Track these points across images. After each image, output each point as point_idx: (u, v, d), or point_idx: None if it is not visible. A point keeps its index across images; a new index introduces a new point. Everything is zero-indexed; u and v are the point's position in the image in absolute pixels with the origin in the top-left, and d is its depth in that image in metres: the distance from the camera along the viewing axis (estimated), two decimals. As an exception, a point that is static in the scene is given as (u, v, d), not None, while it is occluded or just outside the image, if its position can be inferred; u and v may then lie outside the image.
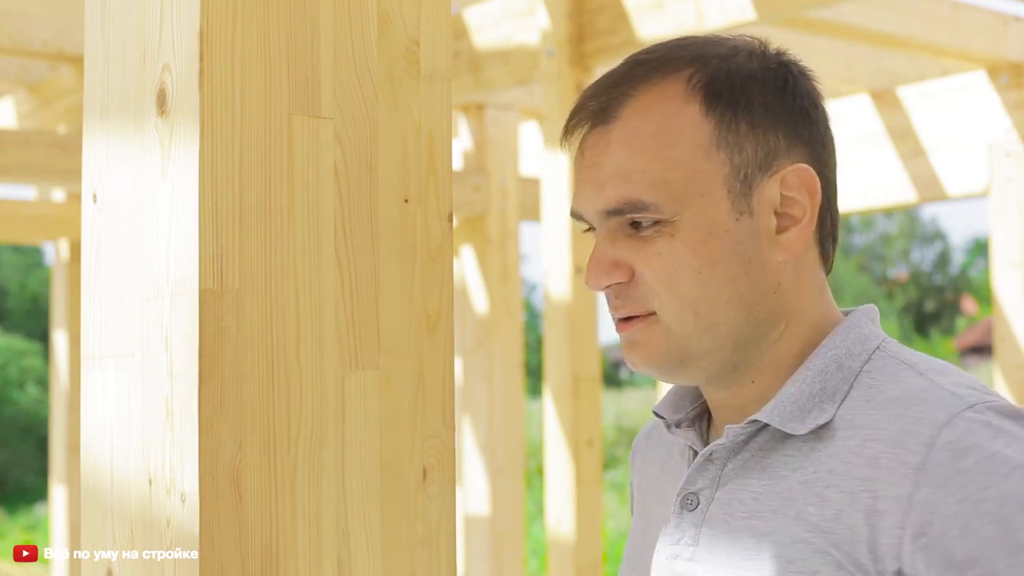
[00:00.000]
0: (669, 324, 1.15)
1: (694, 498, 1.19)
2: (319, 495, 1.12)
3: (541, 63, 4.18)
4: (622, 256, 1.16)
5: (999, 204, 4.41)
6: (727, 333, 1.15)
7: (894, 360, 1.16)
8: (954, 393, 1.09)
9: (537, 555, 9.37)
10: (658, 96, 1.16)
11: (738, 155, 1.15)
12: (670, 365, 1.17)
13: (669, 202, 1.13)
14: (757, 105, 1.16)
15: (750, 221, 1.15)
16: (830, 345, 1.16)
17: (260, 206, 1.11)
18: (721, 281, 1.14)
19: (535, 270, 32.24)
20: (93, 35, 1.25)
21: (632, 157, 1.15)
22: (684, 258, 1.13)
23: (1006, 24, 4.51)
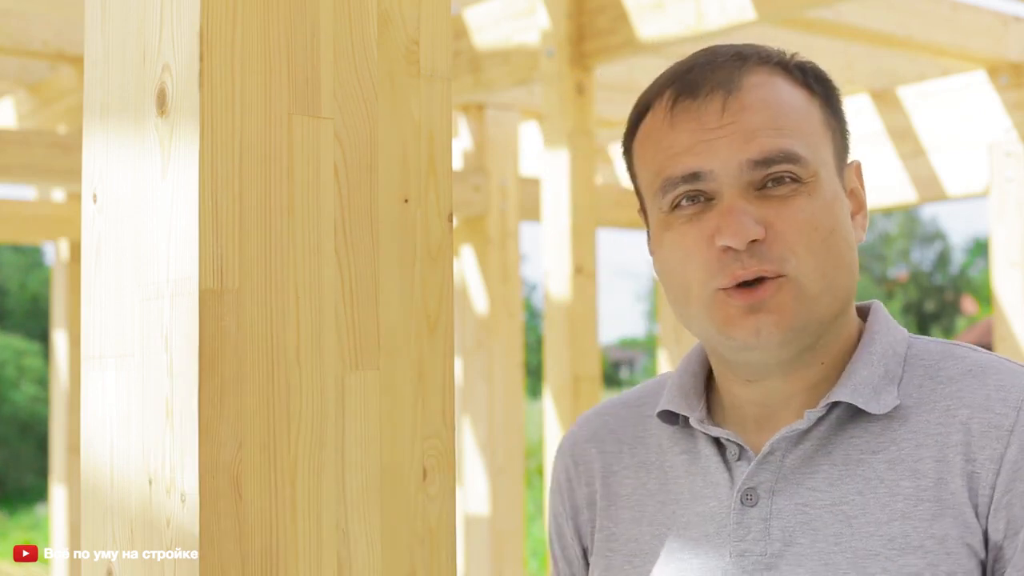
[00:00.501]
0: (802, 284, 1.16)
1: (753, 493, 1.18)
2: (319, 495, 1.12)
3: (541, 63, 4.17)
4: (759, 213, 1.17)
5: (999, 204, 4.41)
6: (839, 298, 1.19)
7: (935, 343, 1.22)
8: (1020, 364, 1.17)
9: (537, 555, 9.37)
10: (769, 76, 1.21)
11: (837, 138, 1.23)
12: (795, 331, 1.17)
13: (815, 162, 1.18)
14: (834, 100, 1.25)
15: (845, 200, 1.22)
16: (880, 331, 1.22)
17: (260, 206, 1.11)
18: (843, 245, 1.19)
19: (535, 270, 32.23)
20: (93, 35, 1.25)
21: (777, 116, 1.18)
22: (822, 217, 1.17)
23: (1006, 24, 4.51)
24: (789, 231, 1.16)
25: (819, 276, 1.16)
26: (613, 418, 1.35)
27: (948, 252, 32.02)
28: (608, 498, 1.32)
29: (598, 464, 1.34)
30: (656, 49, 4.04)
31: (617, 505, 1.31)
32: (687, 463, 1.26)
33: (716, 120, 1.18)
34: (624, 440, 1.33)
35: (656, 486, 1.28)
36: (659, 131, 1.22)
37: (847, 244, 1.19)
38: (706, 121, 1.18)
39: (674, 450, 1.28)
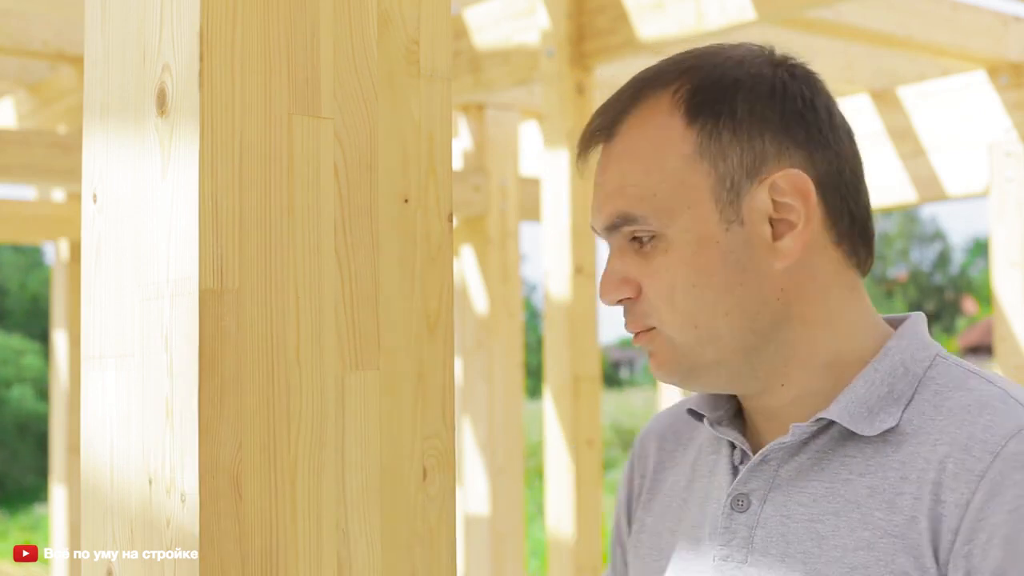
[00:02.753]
0: (672, 337, 1.16)
1: (745, 499, 1.18)
2: (319, 495, 1.12)
3: (541, 63, 4.17)
4: (630, 272, 1.17)
5: (999, 204, 4.41)
6: (730, 343, 1.15)
7: (959, 368, 1.15)
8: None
9: (537, 555, 9.37)
10: (649, 111, 1.17)
11: (722, 163, 1.14)
12: (682, 375, 1.18)
13: (657, 214, 1.14)
14: (742, 112, 1.15)
15: (741, 230, 1.14)
16: (896, 348, 1.16)
17: (260, 206, 1.11)
18: (717, 293, 1.13)
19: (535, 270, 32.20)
20: (93, 35, 1.25)
21: (625, 172, 1.17)
22: (680, 273, 1.14)
23: (1006, 24, 4.51)
24: (650, 291, 1.16)
25: (690, 328, 1.14)
26: (680, 416, 1.36)
27: (948, 252, 32.03)
28: (651, 492, 1.34)
29: (653, 460, 1.36)
30: (656, 49, 4.04)
31: (654, 500, 1.33)
32: (712, 464, 1.27)
33: (596, 173, 1.22)
34: (680, 439, 1.34)
35: (684, 484, 1.30)
36: None
37: (726, 288, 1.13)
38: (597, 172, 1.22)
39: (707, 451, 1.29)
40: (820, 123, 1.18)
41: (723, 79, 1.17)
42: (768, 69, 1.18)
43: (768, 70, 1.18)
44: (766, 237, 1.14)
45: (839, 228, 1.18)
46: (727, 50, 1.21)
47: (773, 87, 1.17)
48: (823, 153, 1.17)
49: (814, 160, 1.16)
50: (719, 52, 1.21)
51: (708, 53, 1.21)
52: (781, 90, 1.17)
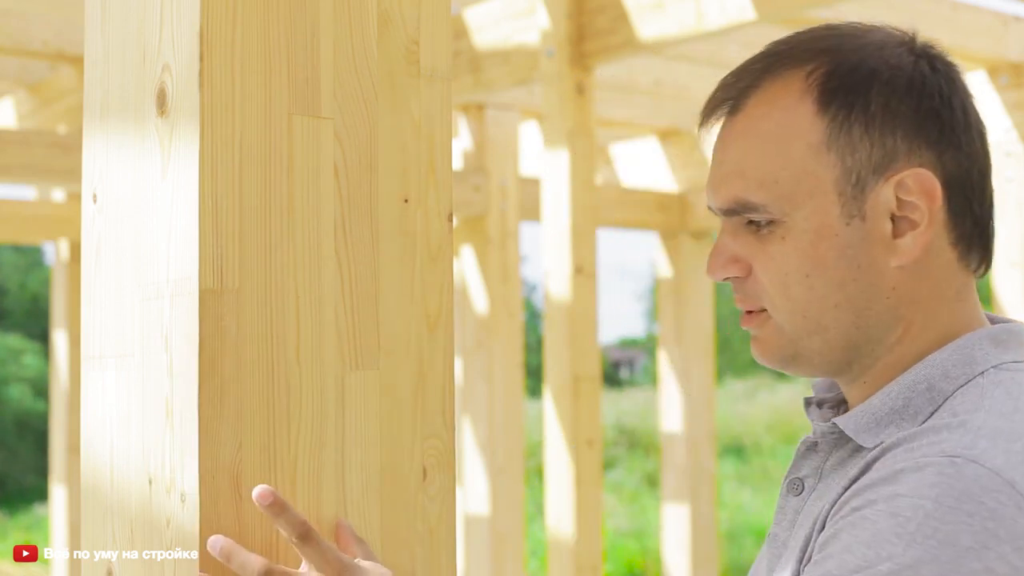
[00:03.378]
0: (780, 323, 1.14)
1: (799, 484, 1.18)
2: (319, 495, 1.12)
3: (541, 63, 4.18)
4: (742, 252, 1.15)
5: (999, 204, 4.41)
6: (836, 336, 1.13)
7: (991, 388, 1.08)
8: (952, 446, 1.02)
9: (537, 555, 9.37)
10: (779, 90, 1.14)
11: (850, 157, 1.11)
12: (783, 361, 1.17)
13: (778, 202, 1.12)
14: (875, 105, 1.12)
15: (862, 225, 1.12)
16: (929, 362, 1.12)
17: (260, 206, 1.11)
18: (830, 285, 1.12)
19: (535, 270, 32.23)
20: (93, 35, 1.25)
21: (747, 154, 1.14)
22: (794, 261, 1.12)
23: (1006, 24, 4.51)
24: (762, 274, 1.14)
25: (799, 317, 1.13)
26: None
27: (948, 252, 31.98)
28: None
29: None
30: (656, 49, 4.05)
31: None
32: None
33: (716, 148, 1.18)
34: None
35: None
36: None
37: (840, 282, 1.11)
38: (716, 145, 1.18)
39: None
40: (954, 122, 1.14)
41: (860, 67, 1.13)
42: (908, 59, 1.15)
43: (908, 60, 1.15)
44: (886, 234, 1.12)
45: (960, 230, 1.15)
46: (867, 33, 1.17)
47: (911, 81, 1.13)
48: (953, 153, 1.14)
49: (943, 160, 1.13)
50: (858, 34, 1.17)
51: (847, 34, 1.16)
52: (919, 85, 1.13)
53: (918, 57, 1.16)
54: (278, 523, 1.06)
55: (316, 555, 1.05)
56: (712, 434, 6.29)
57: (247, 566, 1.05)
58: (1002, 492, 0.96)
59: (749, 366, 18.80)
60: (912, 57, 1.15)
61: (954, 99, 1.15)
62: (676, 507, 6.18)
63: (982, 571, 0.93)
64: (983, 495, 0.96)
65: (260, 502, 1.05)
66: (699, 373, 6.18)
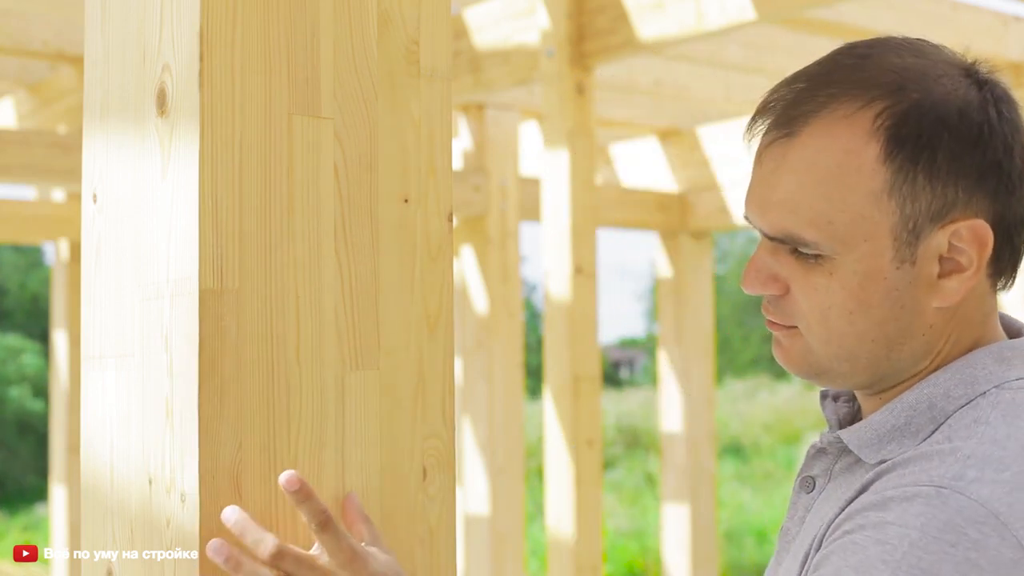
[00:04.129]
0: (811, 345, 1.14)
1: (811, 482, 1.19)
2: (319, 495, 1.12)
3: (541, 63, 4.17)
4: (782, 272, 1.14)
5: (999, 204, 4.41)
6: (866, 365, 1.14)
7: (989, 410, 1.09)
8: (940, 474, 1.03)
9: (537, 555, 9.37)
10: (843, 127, 1.11)
11: (910, 206, 1.10)
12: (806, 375, 1.17)
13: (831, 242, 1.10)
14: (942, 157, 1.10)
15: (911, 270, 1.11)
16: (932, 381, 1.12)
17: (260, 206, 1.11)
18: (871, 324, 1.12)
19: (535, 270, 32.23)
20: (93, 35, 1.25)
21: (803, 188, 1.11)
22: (839, 298, 1.11)
23: (1006, 24, 4.51)
24: (802, 300, 1.13)
25: (833, 346, 1.13)
26: None
27: (948, 252, 31.99)
28: None
29: None
30: (656, 49, 4.05)
31: None
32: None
33: (765, 163, 1.15)
34: None
35: None
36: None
37: (882, 320, 1.11)
38: (761, 156, 1.15)
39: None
40: (1012, 171, 1.13)
41: (930, 113, 1.10)
42: (975, 100, 1.12)
43: (975, 102, 1.12)
44: (932, 275, 1.11)
45: (999, 264, 1.15)
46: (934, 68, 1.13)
47: (980, 132, 1.11)
48: (1007, 200, 1.13)
49: (998, 208, 1.13)
50: (927, 72, 1.12)
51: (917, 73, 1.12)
52: (987, 136, 1.11)
53: (984, 95, 1.13)
54: (301, 509, 1.08)
55: (332, 542, 1.07)
56: (712, 434, 6.29)
57: (260, 544, 1.06)
58: (986, 523, 0.97)
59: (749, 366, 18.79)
60: (979, 94, 1.13)
61: (1015, 148, 1.13)
62: (676, 507, 6.18)
63: None
64: (967, 526, 0.97)
65: (287, 487, 1.07)
66: (699, 373, 6.18)
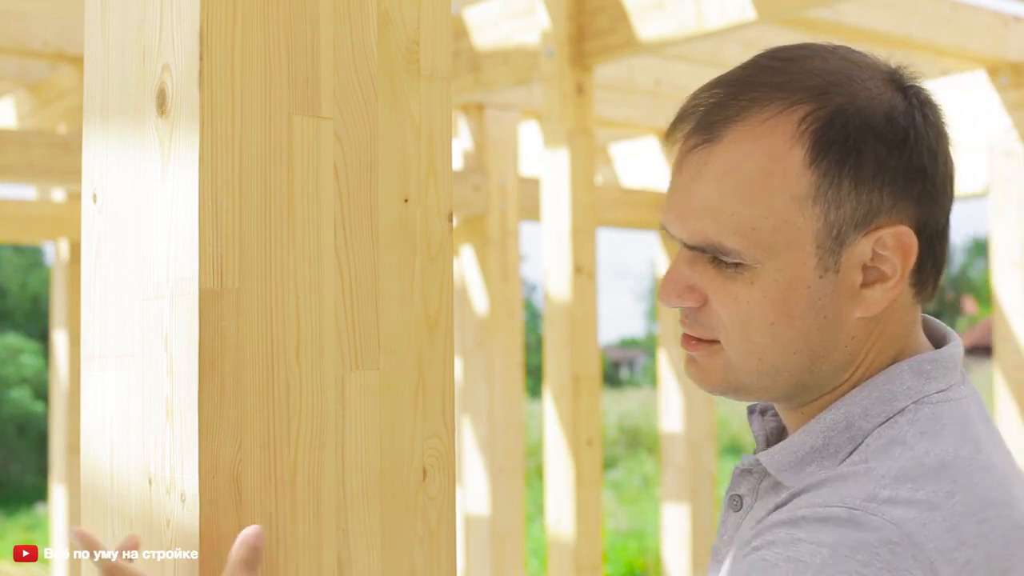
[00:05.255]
0: (732, 359, 1.12)
1: (739, 500, 1.18)
2: (319, 495, 1.12)
3: (541, 63, 4.17)
4: (700, 283, 1.11)
5: (999, 204, 4.41)
6: (787, 379, 1.12)
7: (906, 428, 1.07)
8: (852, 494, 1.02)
9: (537, 555, 9.37)
10: (767, 131, 1.08)
11: (835, 212, 1.08)
12: (725, 392, 1.15)
13: (753, 250, 1.08)
14: (868, 162, 1.08)
15: (834, 278, 1.09)
16: (849, 400, 1.10)
17: (260, 206, 1.11)
18: (792, 335, 1.09)
19: (535, 270, 32.21)
20: (93, 35, 1.25)
21: (724, 195, 1.08)
22: (760, 308, 1.09)
23: (1006, 24, 4.51)
24: (722, 312, 1.10)
25: (754, 359, 1.10)
26: None
27: (948, 252, 32.00)
28: None
29: None
30: (656, 49, 4.05)
31: None
32: None
33: (685, 171, 1.12)
34: None
35: None
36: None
37: (804, 331, 1.09)
38: (681, 163, 1.12)
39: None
40: (936, 177, 1.12)
41: (856, 117, 1.08)
42: (901, 105, 1.10)
43: (900, 107, 1.10)
44: (855, 284, 1.10)
45: (922, 273, 1.14)
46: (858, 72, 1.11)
47: (906, 137, 1.09)
48: (931, 207, 1.12)
49: (922, 214, 1.11)
50: (852, 76, 1.10)
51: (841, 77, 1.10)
52: (913, 141, 1.10)
53: (909, 100, 1.12)
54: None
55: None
56: (712, 434, 6.29)
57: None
58: (899, 545, 0.97)
59: (749, 366, 18.71)
60: (904, 99, 1.11)
61: (939, 154, 1.12)
62: (676, 507, 6.18)
63: None
64: (879, 547, 0.96)
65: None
66: (699, 373, 6.17)
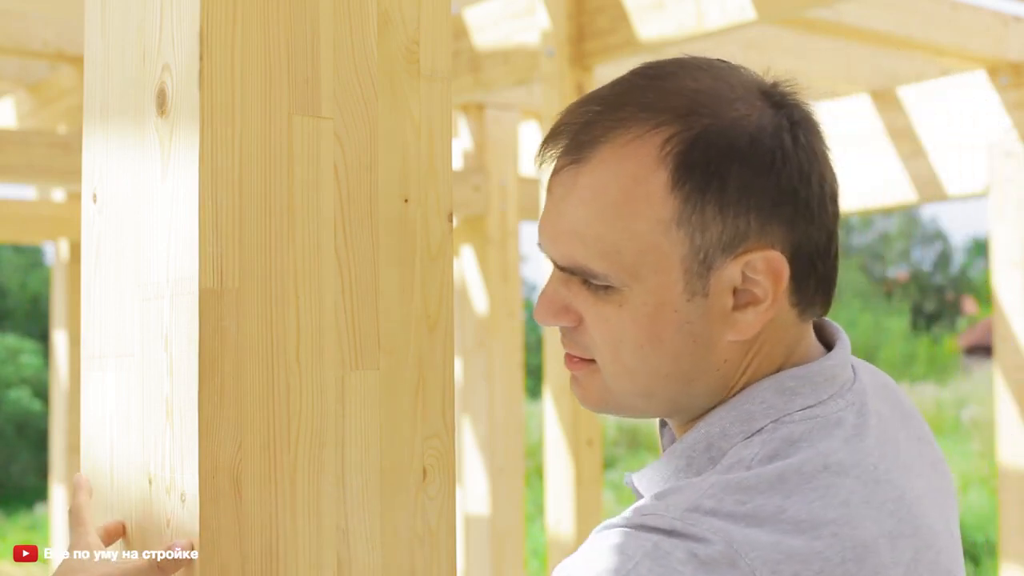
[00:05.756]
0: (607, 381, 1.11)
1: None
2: (319, 495, 1.12)
3: (541, 63, 4.18)
4: (573, 303, 1.11)
5: (999, 204, 4.41)
6: (661, 401, 1.11)
7: (753, 449, 1.06)
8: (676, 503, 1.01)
9: (537, 555, 9.38)
10: (630, 152, 1.07)
11: (700, 236, 1.06)
12: (604, 410, 1.14)
13: (620, 273, 1.07)
14: (732, 186, 1.05)
15: (703, 302, 1.07)
16: (710, 420, 1.09)
17: (260, 206, 1.11)
18: (663, 358, 1.08)
19: (535, 270, 32.23)
20: (93, 35, 1.25)
21: (590, 219, 1.07)
22: (630, 331, 1.08)
23: (1006, 24, 4.51)
24: (594, 332, 1.10)
25: (627, 381, 1.10)
26: None
27: (948, 252, 32.03)
28: None
29: None
30: (656, 49, 4.05)
31: None
32: None
33: (555, 191, 1.11)
34: None
35: None
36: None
37: (675, 355, 1.08)
38: (551, 188, 1.12)
39: None
40: (810, 197, 1.08)
41: (719, 140, 1.06)
42: (769, 125, 1.07)
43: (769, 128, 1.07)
44: (726, 308, 1.08)
45: (802, 293, 1.11)
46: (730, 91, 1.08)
47: (773, 159, 1.06)
48: (806, 228, 1.09)
49: (794, 236, 1.08)
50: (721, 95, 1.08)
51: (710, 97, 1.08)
52: (780, 162, 1.07)
53: (779, 120, 1.08)
54: None
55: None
56: (712, 434, 6.29)
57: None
58: (716, 557, 0.96)
59: (749, 366, 18.70)
60: (774, 119, 1.08)
61: (813, 175, 1.08)
62: (676, 507, 6.17)
63: None
64: (688, 558, 0.95)
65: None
66: (699, 373, 6.18)
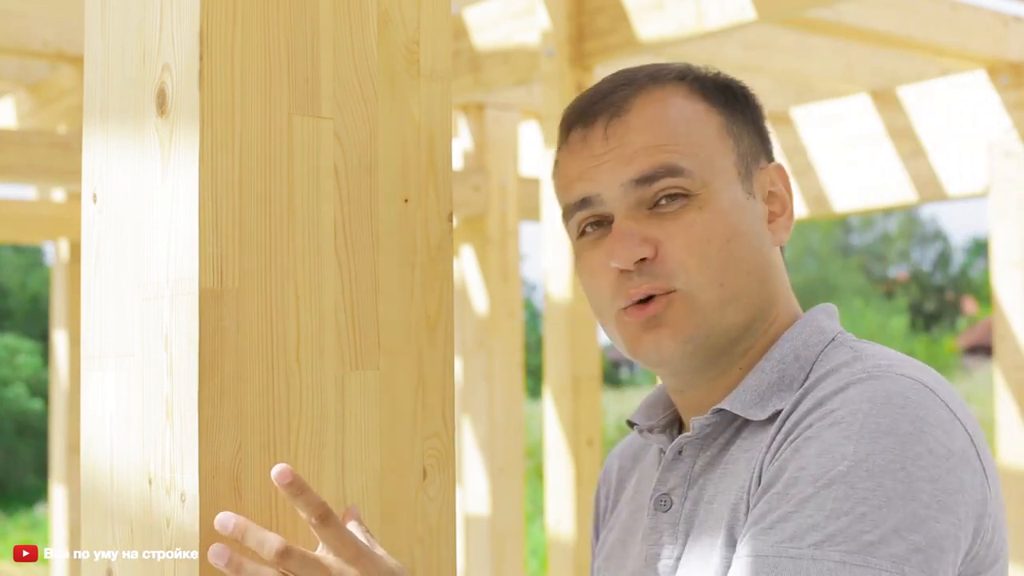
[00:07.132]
0: (695, 296, 1.18)
1: (667, 499, 1.21)
2: (319, 495, 1.12)
3: (541, 63, 4.17)
4: (649, 232, 1.18)
5: (999, 204, 4.41)
6: (747, 306, 1.19)
7: (845, 347, 1.19)
8: (862, 368, 1.12)
9: (537, 555, 9.38)
10: (666, 93, 1.23)
11: (741, 144, 1.23)
12: (695, 343, 1.19)
13: (701, 169, 1.19)
14: (746, 107, 1.26)
15: (755, 204, 1.22)
16: (789, 337, 1.21)
17: (260, 206, 1.11)
18: (745, 251, 1.19)
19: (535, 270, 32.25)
20: (93, 35, 1.25)
21: (659, 134, 1.20)
22: (716, 227, 1.18)
23: (1006, 24, 4.51)
24: (678, 247, 1.18)
25: (716, 286, 1.18)
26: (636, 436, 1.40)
27: (948, 252, 32.01)
28: (612, 511, 1.38)
29: (615, 480, 1.40)
30: (656, 49, 4.05)
31: (614, 518, 1.37)
32: (643, 472, 1.33)
33: (601, 145, 1.21)
34: (636, 457, 1.38)
35: (632, 494, 1.34)
36: (560, 161, 1.27)
37: (752, 249, 1.20)
38: (594, 147, 1.22)
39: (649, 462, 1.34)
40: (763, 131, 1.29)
41: (717, 79, 1.27)
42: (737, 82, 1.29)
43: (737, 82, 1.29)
44: (765, 216, 1.24)
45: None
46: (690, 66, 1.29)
47: (754, 98, 1.29)
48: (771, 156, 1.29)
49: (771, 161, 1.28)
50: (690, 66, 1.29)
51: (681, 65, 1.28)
52: (754, 99, 1.29)
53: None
54: (297, 503, 1.02)
55: (334, 538, 1.02)
56: (712, 434, 6.28)
57: (265, 543, 1.00)
58: (921, 391, 1.08)
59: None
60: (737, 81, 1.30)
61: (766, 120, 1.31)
62: (676, 507, 6.17)
63: (925, 453, 1.04)
64: (908, 392, 1.07)
65: (279, 481, 1.01)
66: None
